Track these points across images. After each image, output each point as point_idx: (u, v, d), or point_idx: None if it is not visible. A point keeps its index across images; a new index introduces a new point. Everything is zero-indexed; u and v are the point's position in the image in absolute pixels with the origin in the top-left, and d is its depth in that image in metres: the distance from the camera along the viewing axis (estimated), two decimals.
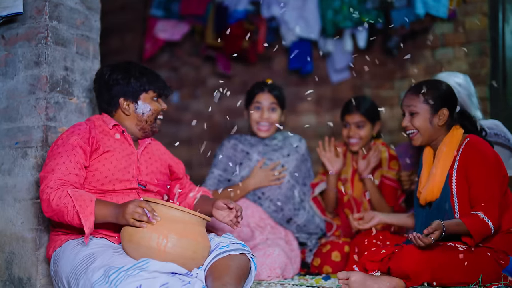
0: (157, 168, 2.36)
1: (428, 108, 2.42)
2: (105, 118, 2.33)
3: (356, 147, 3.09)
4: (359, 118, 3.08)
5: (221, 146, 3.10)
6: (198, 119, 5.14)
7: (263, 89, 3.03)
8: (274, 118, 3.02)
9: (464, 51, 3.97)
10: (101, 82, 2.35)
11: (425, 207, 2.45)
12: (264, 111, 3.01)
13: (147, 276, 1.81)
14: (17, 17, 2.45)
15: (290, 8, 4.40)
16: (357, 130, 3.09)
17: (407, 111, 2.46)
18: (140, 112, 2.33)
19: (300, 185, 3.05)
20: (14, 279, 2.37)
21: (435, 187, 2.37)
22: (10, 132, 2.45)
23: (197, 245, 1.97)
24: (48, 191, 2.05)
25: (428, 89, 2.42)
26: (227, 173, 3.01)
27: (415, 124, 2.43)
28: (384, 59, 4.41)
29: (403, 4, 3.88)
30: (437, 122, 2.42)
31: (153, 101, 2.35)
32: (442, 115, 2.41)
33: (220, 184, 2.99)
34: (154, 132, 2.39)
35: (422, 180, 2.47)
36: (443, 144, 2.41)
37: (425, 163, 2.50)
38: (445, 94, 2.43)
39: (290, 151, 3.05)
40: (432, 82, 2.50)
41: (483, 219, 2.19)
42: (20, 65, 2.45)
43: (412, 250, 2.16)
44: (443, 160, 2.37)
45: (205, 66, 5.21)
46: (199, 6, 4.80)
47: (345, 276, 2.16)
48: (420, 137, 2.45)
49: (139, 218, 1.93)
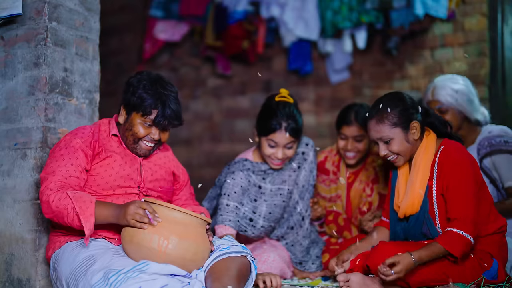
0: (161, 176, 2.33)
1: (400, 130, 2.28)
2: (112, 124, 2.30)
3: (353, 161, 2.92)
4: (358, 131, 2.86)
5: (232, 174, 2.72)
6: (197, 120, 5.19)
7: (279, 128, 2.59)
8: (289, 154, 2.67)
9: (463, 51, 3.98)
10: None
11: (403, 221, 2.36)
12: (279, 150, 2.64)
13: (146, 278, 1.81)
14: (17, 18, 2.45)
15: (290, 9, 4.40)
16: (355, 144, 2.88)
17: (379, 141, 2.32)
18: (126, 127, 2.25)
19: (305, 199, 2.83)
20: (13, 280, 2.37)
21: (415, 200, 2.28)
22: (10, 133, 2.45)
23: (197, 247, 1.97)
24: (48, 193, 2.05)
25: (391, 111, 2.29)
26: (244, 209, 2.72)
27: (394, 150, 2.29)
28: (383, 59, 4.41)
29: (403, 4, 3.88)
30: (413, 137, 2.31)
31: (143, 125, 2.22)
32: (414, 128, 2.30)
33: (240, 220, 2.70)
34: (139, 155, 2.27)
35: (400, 192, 2.36)
36: (418, 155, 2.32)
37: (401, 174, 2.39)
38: (406, 106, 2.30)
39: (300, 161, 2.81)
40: (385, 102, 2.32)
41: (459, 234, 2.13)
42: (19, 66, 2.45)
43: (386, 247, 2.18)
44: (422, 172, 2.28)
45: (204, 66, 5.21)
46: (198, 7, 4.80)
47: (345, 278, 2.19)
48: (402, 158, 2.32)
49: (140, 219, 1.93)
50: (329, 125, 4.61)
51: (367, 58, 4.49)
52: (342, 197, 2.99)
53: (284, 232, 2.82)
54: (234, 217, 2.67)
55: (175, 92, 2.26)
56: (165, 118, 2.20)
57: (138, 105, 2.19)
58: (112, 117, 2.36)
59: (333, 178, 3.04)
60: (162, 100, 2.19)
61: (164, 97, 2.20)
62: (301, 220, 2.82)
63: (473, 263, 2.21)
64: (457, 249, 2.12)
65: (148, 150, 2.27)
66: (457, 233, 2.13)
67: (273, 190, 2.78)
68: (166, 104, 2.20)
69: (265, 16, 4.54)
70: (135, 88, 2.21)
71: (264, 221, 2.74)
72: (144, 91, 2.19)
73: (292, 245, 2.82)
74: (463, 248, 2.13)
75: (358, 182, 2.99)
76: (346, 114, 2.91)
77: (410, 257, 2.09)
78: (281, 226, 2.83)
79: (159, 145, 2.32)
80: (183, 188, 2.48)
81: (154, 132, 2.23)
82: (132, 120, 2.22)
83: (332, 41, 4.42)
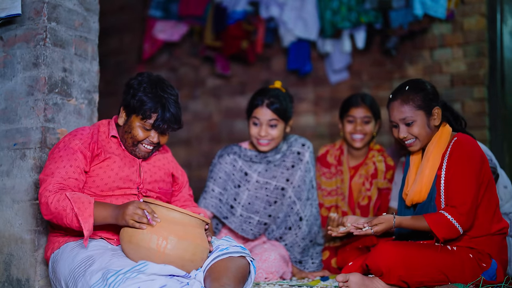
0: (160, 177, 2.33)
1: (423, 113, 2.32)
2: (111, 125, 2.30)
3: (361, 143, 2.98)
4: (366, 112, 2.97)
5: (219, 157, 2.86)
6: (197, 120, 5.19)
7: (261, 103, 2.71)
8: (274, 134, 2.72)
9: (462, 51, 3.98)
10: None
11: (410, 209, 2.40)
12: (262, 127, 2.71)
13: (145, 278, 1.81)
14: (16, 19, 2.45)
15: (289, 9, 4.40)
16: (363, 125, 2.97)
17: (401, 123, 2.34)
18: (125, 130, 2.25)
19: (303, 200, 2.82)
20: (12, 281, 2.37)
21: (423, 188, 2.31)
22: (9, 133, 2.45)
23: (196, 248, 1.97)
24: (47, 194, 2.05)
25: (415, 93, 2.33)
26: (227, 194, 2.79)
27: (414, 132, 2.33)
28: (382, 59, 4.42)
29: (402, 4, 3.88)
30: (434, 123, 2.35)
31: (142, 129, 2.21)
32: (436, 114, 2.34)
33: (222, 207, 2.78)
34: (138, 157, 2.27)
35: (409, 180, 2.40)
36: (431, 144, 2.35)
37: (412, 163, 2.43)
38: (431, 92, 2.37)
39: (294, 160, 2.81)
40: (411, 85, 2.37)
41: (448, 220, 2.18)
42: (18, 67, 2.45)
43: (386, 247, 2.19)
44: (432, 161, 2.31)
45: (204, 66, 5.22)
46: (197, 7, 4.80)
47: (344, 279, 2.19)
48: (419, 143, 2.35)
49: (138, 219, 1.93)
50: (328, 125, 4.61)
51: (366, 58, 4.49)
52: (344, 189, 3.04)
53: (282, 233, 2.82)
54: (217, 203, 2.78)
55: (175, 95, 2.25)
56: (165, 122, 2.20)
57: (138, 108, 2.19)
58: (112, 118, 2.36)
59: (334, 171, 3.09)
60: (162, 103, 2.19)
61: (164, 100, 2.19)
62: (298, 221, 2.82)
63: (472, 263, 2.21)
64: (441, 232, 2.18)
65: (147, 153, 2.27)
66: (448, 218, 2.18)
67: (260, 182, 2.80)
68: (166, 108, 2.19)
69: (264, 16, 4.54)
70: (135, 90, 2.21)
71: (242, 210, 2.76)
72: (144, 94, 2.19)
73: (291, 246, 2.82)
74: (448, 234, 2.19)
75: (358, 176, 3.05)
76: (353, 98, 3.02)
77: (392, 222, 2.22)
78: (279, 227, 2.83)
79: (158, 148, 2.32)
80: (182, 190, 2.48)
81: (153, 136, 2.23)
82: (132, 122, 2.22)
83: (331, 41, 4.42)
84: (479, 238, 2.26)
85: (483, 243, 2.27)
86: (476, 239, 2.25)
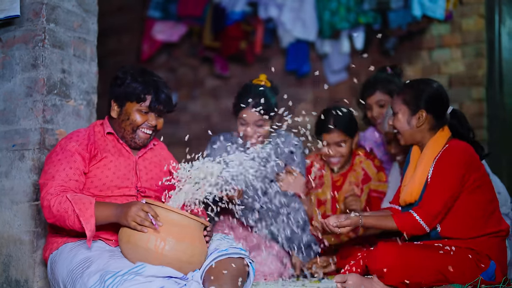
0: (157, 174, 2.34)
1: (406, 109, 2.36)
2: (105, 124, 2.31)
3: (338, 165, 2.90)
4: (339, 137, 2.81)
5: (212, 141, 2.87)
6: (195, 120, 5.18)
7: (247, 105, 2.68)
8: (261, 132, 2.70)
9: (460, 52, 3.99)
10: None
11: (405, 208, 2.41)
12: (249, 127, 2.70)
13: (143, 280, 1.82)
14: (14, 20, 2.45)
15: (287, 9, 4.41)
16: (338, 149, 2.84)
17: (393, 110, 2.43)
18: (121, 119, 2.26)
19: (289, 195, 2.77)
20: (11, 282, 2.37)
21: (414, 190, 2.34)
22: (7, 134, 2.45)
23: (194, 249, 1.97)
24: (49, 198, 2.05)
25: (408, 89, 2.37)
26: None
27: (395, 124, 2.40)
28: (381, 60, 4.42)
29: (400, 5, 3.89)
30: (415, 124, 2.35)
31: (140, 113, 2.24)
32: (420, 117, 2.35)
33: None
34: (137, 144, 2.29)
35: (407, 177, 2.43)
36: (427, 148, 2.36)
37: (411, 162, 2.46)
38: (427, 96, 2.35)
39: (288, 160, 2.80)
40: (417, 81, 2.41)
41: (416, 220, 2.23)
42: (17, 68, 2.45)
43: (385, 247, 2.20)
44: (424, 164, 2.33)
45: (202, 67, 5.22)
46: (196, 7, 4.80)
47: (343, 279, 2.20)
48: (402, 137, 2.42)
49: (140, 222, 1.93)
50: None
51: (364, 58, 4.49)
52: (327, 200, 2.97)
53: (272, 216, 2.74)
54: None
55: (162, 79, 2.32)
56: (160, 102, 2.25)
57: (131, 93, 2.23)
58: (105, 118, 2.37)
59: (318, 182, 3.01)
60: (154, 85, 2.24)
61: (154, 83, 2.25)
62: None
63: (471, 263, 2.22)
64: (408, 231, 2.26)
65: (146, 139, 2.29)
66: (415, 219, 2.24)
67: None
68: (159, 89, 2.25)
69: (263, 17, 4.54)
70: (123, 79, 2.25)
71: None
72: (134, 80, 2.24)
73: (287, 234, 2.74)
74: (414, 232, 2.26)
75: (348, 183, 2.98)
76: (325, 122, 2.84)
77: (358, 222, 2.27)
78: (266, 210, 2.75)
79: (155, 133, 2.34)
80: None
81: (151, 119, 2.26)
82: (127, 109, 2.25)
83: (330, 41, 4.43)
84: (477, 239, 2.27)
85: (482, 244, 2.27)
86: (474, 240, 2.26)
